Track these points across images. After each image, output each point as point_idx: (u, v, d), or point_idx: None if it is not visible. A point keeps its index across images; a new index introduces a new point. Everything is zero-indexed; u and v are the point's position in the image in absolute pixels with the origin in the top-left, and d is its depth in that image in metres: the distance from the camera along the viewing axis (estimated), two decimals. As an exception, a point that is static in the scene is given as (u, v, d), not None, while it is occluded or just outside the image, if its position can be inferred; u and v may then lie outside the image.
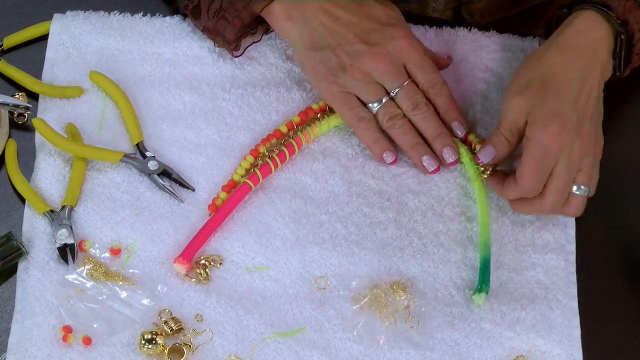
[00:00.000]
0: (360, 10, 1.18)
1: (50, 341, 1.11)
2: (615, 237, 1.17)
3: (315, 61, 1.19)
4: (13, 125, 1.22)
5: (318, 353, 1.11)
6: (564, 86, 1.13)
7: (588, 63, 1.15)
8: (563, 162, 1.11)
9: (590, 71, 1.14)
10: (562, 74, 1.14)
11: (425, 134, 1.18)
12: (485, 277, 1.13)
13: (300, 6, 1.18)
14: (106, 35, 1.27)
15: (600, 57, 1.15)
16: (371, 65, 1.16)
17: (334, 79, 1.17)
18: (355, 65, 1.16)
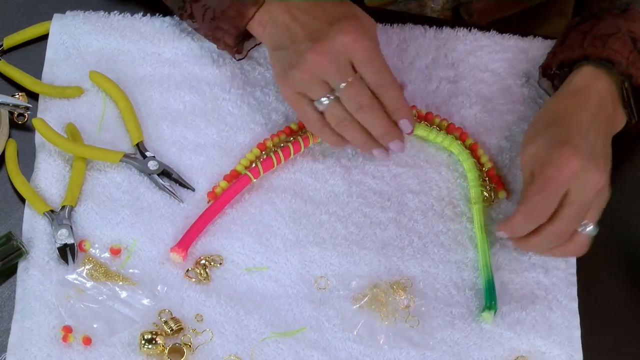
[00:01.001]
0: (315, 9, 1.14)
1: (50, 341, 1.11)
2: (615, 237, 1.17)
3: (275, 61, 1.16)
4: (13, 125, 1.22)
5: (318, 353, 1.11)
6: (572, 122, 1.12)
7: (594, 108, 1.13)
8: (576, 188, 1.08)
9: (598, 116, 1.13)
10: (568, 114, 1.13)
11: (373, 133, 1.15)
12: (492, 296, 1.13)
13: (271, 10, 1.16)
14: (106, 35, 1.27)
15: (605, 108, 1.14)
16: (313, 64, 1.12)
17: (285, 78, 1.14)
18: (300, 64, 1.12)
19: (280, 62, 1.15)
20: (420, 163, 1.22)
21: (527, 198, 1.09)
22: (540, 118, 1.15)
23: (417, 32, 1.29)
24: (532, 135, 1.13)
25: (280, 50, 1.15)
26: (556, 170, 1.08)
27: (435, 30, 1.30)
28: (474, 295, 1.15)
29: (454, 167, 1.22)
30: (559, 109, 1.14)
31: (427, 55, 1.29)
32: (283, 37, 1.15)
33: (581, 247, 1.12)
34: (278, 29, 1.15)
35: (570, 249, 1.12)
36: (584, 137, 1.10)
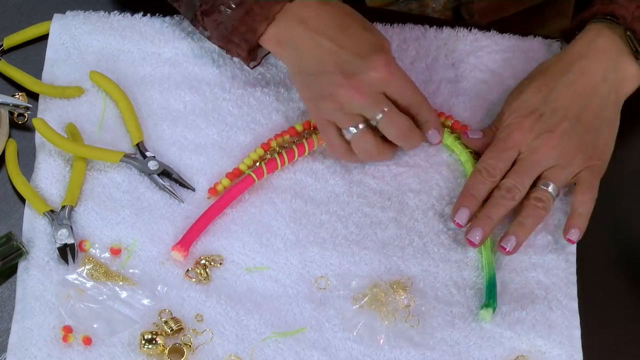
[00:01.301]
0: (342, 38, 1.14)
1: (50, 341, 1.11)
2: (615, 237, 1.17)
3: (302, 84, 1.17)
4: (13, 125, 1.22)
5: (318, 353, 1.11)
6: (547, 83, 1.17)
7: (584, 69, 1.16)
8: (526, 151, 1.15)
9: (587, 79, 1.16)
10: (551, 73, 1.17)
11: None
12: (492, 294, 1.13)
13: (287, 32, 1.16)
14: (106, 35, 1.27)
15: (603, 64, 1.16)
16: (347, 98, 1.13)
17: (315, 105, 1.16)
18: (333, 95, 1.13)
19: (309, 89, 1.16)
20: (420, 163, 1.22)
21: (480, 158, 1.17)
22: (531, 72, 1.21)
23: (418, 32, 1.29)
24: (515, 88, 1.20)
25: (308, 76, 1.16)
26: (506, 135, 1.16)
27: (435, 31, 1.30)
28: (474, 295, 1.15)
29: (454, 166, 1.22)
30: (547, 65, 1.19)
31: (427, 56, 1.29)
32: (309, 63, 1.15)
33: (544, 207, 1.14)
34: (301, 53, 1.15)
35: (532, 210, 1.14)
36: (550, 100, 1.15)
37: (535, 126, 1.15)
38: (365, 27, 1.16)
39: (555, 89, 1.17)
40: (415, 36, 1.29)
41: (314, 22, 1.15)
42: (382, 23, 1.29)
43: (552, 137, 1.15)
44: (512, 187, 1.15)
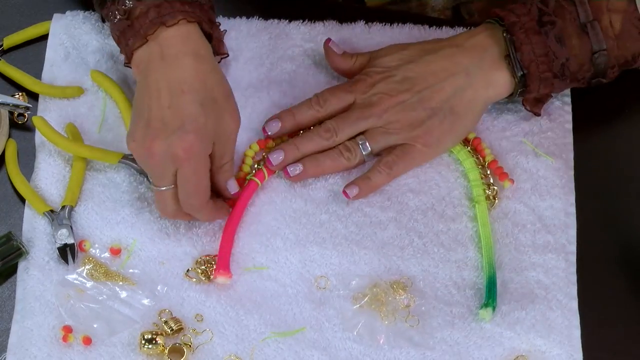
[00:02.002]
0: (178, 98, 1.08)
1: (50, 341, 1.11)
2: (615, 237, 1.17)
3: (135, 109, 1.12)
4: (13, 125, 1.22)
5: (318, 353, 1.11)
6: (409, 50, 1.19)
7: (449, 56, 1.18)
8: (363, 101, 1.17)
9: (447, 63, 1.17)
10: (417, 45, 1.20)
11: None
12: (492, 293, 1.13)
13: (147, 59, 1.10)
14: (106, 35, 1.27)
15: (473, 59, 1.17)
16: (146, 158, 1.10)
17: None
18: (139, 145, 1.09)
19: (138, 117, 1.11)
20: (420, 163, 1.22)
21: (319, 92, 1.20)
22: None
23: (417, 32, 1.29)
24: None
25: (135, 109, 1.11)
26: (359, 79, 1.19)
27: (435, 30, 1.30)
28: (474, 295, 1.15)
29: (454, 166, 1.22)
30: (422, 42, 1.21)
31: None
32: (141, 100, 1.11)
33: (347, 158, 1.17)
34: (143, 85, 1.10)
35: (334, 154, 1.17)
36: (404, 70, 1.17)
37: (379, 84, 1.17)
38: (203, 104, 1.08)
39: (414, 61, 1.18)
40: (414, 36, 1.29)
41: (171, 66, 1.09)
42: (382, 23, 1.29)
43: (389, 100, 1.16)
44: (331, 128, 1.17)
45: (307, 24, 1.29)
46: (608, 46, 1.15)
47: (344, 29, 1.28)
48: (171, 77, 1.09)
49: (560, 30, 1.14)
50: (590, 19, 1.15)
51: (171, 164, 1.08)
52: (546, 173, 1.20)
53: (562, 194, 1.19)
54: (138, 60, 1.12)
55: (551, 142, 1.22)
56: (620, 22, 1.15)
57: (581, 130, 1.23)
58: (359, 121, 1.17)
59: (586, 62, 1.15)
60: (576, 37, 1.15)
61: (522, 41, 1.14)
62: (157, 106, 1.09)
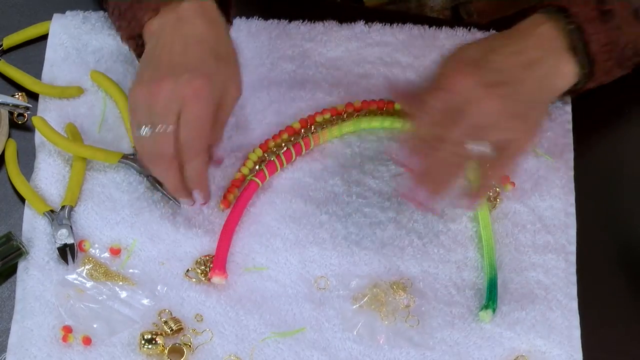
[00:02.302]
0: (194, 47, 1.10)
1: (50, 341, 1.11)
2: (615, 237, 1.17)
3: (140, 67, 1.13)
4: (13, 125, 1.22)
5: (318, 353, 1.12)
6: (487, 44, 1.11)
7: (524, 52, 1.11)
8: (469, 99, 1.06)
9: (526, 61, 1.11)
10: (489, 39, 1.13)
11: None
12: (492, 295, 1.13)
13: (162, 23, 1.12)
14: (106, 35, 1.27)
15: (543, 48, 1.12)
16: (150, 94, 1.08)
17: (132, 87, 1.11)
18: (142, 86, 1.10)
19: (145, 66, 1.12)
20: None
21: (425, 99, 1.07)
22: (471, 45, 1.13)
23: (416, 32, 1.29)
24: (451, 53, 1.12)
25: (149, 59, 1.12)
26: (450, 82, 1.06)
27: (435, 31, 1.30)
28: (473, 295, 1.15)
29: (453, 167, 1.22)
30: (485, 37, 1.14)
31: (426, 56, 1.28)
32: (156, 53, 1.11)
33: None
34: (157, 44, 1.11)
35: (454, 157, 1.07)
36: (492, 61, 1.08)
37: (476, 74, 1.07)
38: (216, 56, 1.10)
39: (496, 51, 1.10)
40: (414, 36, 1.29)
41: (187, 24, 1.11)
42: (381, 23, 1.29)
43: (494, 91, 1.06)
44: (448, 140, 1.06)
45: (307, 24, 1.29)
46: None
47: (344, 29, 1.28)
48: (186, 32, 1.10)
49: (618, 18, 1.13)
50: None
51: (176, 103, 1.07)
52: (546, 173, 1.20)
53: (562, 194, 1.19)
54: (152, 29, 1.12)
55: (551, 142, 1.22)
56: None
57: (581, 130, 1.23)
58: (469, 126, 1.06)
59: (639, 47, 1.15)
60: (631, 24, 1.13)
61: (589, 31, 1.12)
62: (167, 53, 1.09)
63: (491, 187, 1.15)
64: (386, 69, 1.27)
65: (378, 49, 1.28)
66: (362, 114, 1.23)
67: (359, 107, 1.23)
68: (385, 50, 1.27)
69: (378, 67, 1.27)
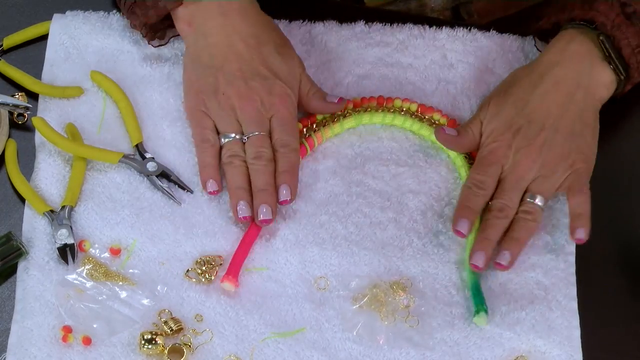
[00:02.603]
0: (257, 50, 1.18)
1: (50, 341, 1.11)
2: (615, 237, 1.17)
3: (193, 74, 1.19)
4: (13, 125, 1.22)
5: (318, 353, 1.11)
6: (522, 97, 1.17)
7: (558, 77, 1.16)
8: (508, 167, 1.15)
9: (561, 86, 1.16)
10: (525, 85, 1.17)
11: (254, 185, 1.17)
12: (480, 298, 1.13)
13: (203, 16, 1.18)
14: (106, 35, 1.27)
15: (577, 70, 1.16)
16: (239, 104, 1.17)
17: (203, 97, 1.18)
18: (226, 96, 1.17)
19: (200, 79, 1.18)
20: (420, 163, 1.22)
21: (469, 178, 1.17)
22: (506, 79, 1.21)
23: (417, 32, 1.29)
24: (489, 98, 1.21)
25: (205, 69, 1.18)
26: (488, 153, 1.16)
27: (434, 31, 1.30)
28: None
29: (453, 167, 1.22)
30: (521, 76, 1.19)
31: (426, 56, 1.29)
32: (212, 56, 1.17)
33: (533, 219, 1.14)
34: (207, 44, 1.18)
35: (523, 224, 1.14)
36: (526, 113, 1.15)
37: (514, 141, 1.15)
38: (279, 52, 1.19)
39: (530, 101, 1.17)
40: (414, 36, 1.29)
41: (235, 20, 1.17)
42: (382, 23, 1.29)
43: (532, 150, 1.15)
44: (502, 206, 1.14)
45: (307, 24, 1.29)
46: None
47: (344, 29, 1.28)
48: (240, 30, 1.18)
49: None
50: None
51: (267, 111, 1.17)
52: (546, 173, 1.20)
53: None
54: (187, 18, 1.18)
55: (551, 142, 1.22)
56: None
57: (581, 130, 1.23)
58: (519, 185, 1.15)
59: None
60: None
61: (619, 37, 1.15)
62: (236, 59, 1.17)
63: (588, 216, 1.16)
64: (386, 69, 1.27)
65: (378, 49, 1.28)
66: (362, 110, 1.23)
67: (359, 104, 1.24)
68: (386, 50, 1.27)
69: (378, 67, 1.27)
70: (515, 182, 1.15)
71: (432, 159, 1.22)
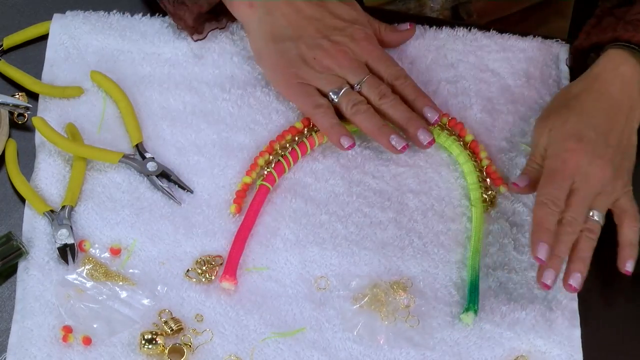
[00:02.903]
0: (323, 6, 1.20)
1: (50, 341, 1.11)
2: (615, 236, 1.17)
3: (273, 53, 1.20)
4: (13, 125, 1.22)
5: (318, 353, 1.11)
6: (585, 110, 1.13)
7: (616, 93, 1.14)
8: (580, 179, 1.10)
9: (618, 103, 1.14)
10: (585, 99, 1.14)
11: (397, 120, 1.18)
12: (473, 297, 1.13)
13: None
14: (106, 35, 1.27)
15: (629, 93, 1.15)
16: (333, 61, 1.18)
17: (294, 70, 1.18)
18: (317, 59, 1.18)
19: (284, 55, 1.18)
20: (420, 163, 1.22)
21: (538, 190, 1.11)
22: (558, 97, 1.18)
23: (417, 32, 1.29)
24: (549, 111, 1.16)
25: (284, 43, 1.18)
26: (561, 164, 1.11)
27: (435, 31, 1.30)
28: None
29: (454, 167, 1.22)
30: (578, 94, 1.15)
31: (426, 56, 1.29)
32: (285, 28, 1.18)
33: (595, 238, 1.11)
34: (276, 18, 1.18)
35: (588, 243, 1.11)
36: (593, 126, 1.12)
37: (588, 151, 1.11)
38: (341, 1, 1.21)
39: (595, 116, 1.13)
40: (414, 36, 1.29)
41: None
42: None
43: (603, 163, 1.11)
44: (572, 221, 1.10)
45: (308, 24, 1.29)
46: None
47: (344, 29, 1.28)
48: None
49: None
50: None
51: (361, 56, 1.19)
52: (546, 173, 1.20)
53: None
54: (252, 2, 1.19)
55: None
56: None
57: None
58: (589, 199, 1.11)
59: None
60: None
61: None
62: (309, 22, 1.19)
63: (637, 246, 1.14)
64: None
65: (378, 49, 1.28)
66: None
67: None
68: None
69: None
70: (587, 196, 1.11)
71: (432, 159, 1.22)
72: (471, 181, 1.20)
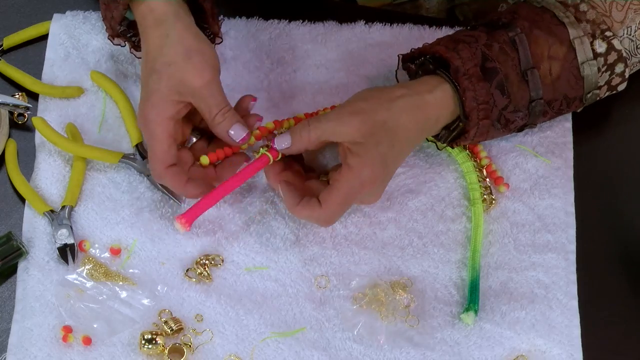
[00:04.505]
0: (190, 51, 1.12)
1: (50, 341, 1.11)
2: (615, 236, 1.17)
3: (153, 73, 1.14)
4: (13, 125, 1.23)
5: (318, 353, 1.12)
6: (400, 141, 1.10)
7: (424, 124, 1.12)
8: (360, 198, 1.11)
9: (421, 133, 1.13)
10: (403, 129, 1.10)
11: None
12: (474, 297, 1.13)
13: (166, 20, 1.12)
14: (106, 35, 1.27)
15: (431, 116, 1.12)
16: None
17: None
18: None
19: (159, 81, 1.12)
20: (419, 163, 1.22)
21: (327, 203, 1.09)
22: (383, 103, 1.11)
23: (417, 32, 1.29)
24: (368, 112, 1.10)
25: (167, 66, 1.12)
26: (359, 186, 1.09)
27: (434, 31, 1.30)
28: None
29: (453, 167, 1.22)
30: (401, 115, 1.10)
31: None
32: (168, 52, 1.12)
33: None
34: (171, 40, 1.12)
35: None
36: (395, 160, 1.11)
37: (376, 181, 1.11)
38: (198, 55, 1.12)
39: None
40: (414, 36, 1.29)
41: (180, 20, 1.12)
42: (382, 23, 1.29)
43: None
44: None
45: (307, 24, 1.29)
46: (544, 92, 1.13)
47: (344, 29, 1.28)
48: (146, 48, 1.12)
49: (502, 78, 1.11)
50: (531, 66, 1.12)
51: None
52: (545, 173, 1.20)
53: (562, 193, 1.19)
54: (152, 15, 1.12)
55: (551, 141, 1.22)
56: (559, 69, 1.13)
57: (581, 129, 1.23)
58: None
59: (523, 109, 1.13)
60: (517, 85, 1.12)
61: (466, 87, 1.11)
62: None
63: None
64: (387, 70, 1.27)
65: (378, 49, 1.28)
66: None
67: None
68: (386, 50, 1.27)
69: (379, 67, 1.27)
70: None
71: (432, 159, 1.22)
72: (471, 181, 1.20)
